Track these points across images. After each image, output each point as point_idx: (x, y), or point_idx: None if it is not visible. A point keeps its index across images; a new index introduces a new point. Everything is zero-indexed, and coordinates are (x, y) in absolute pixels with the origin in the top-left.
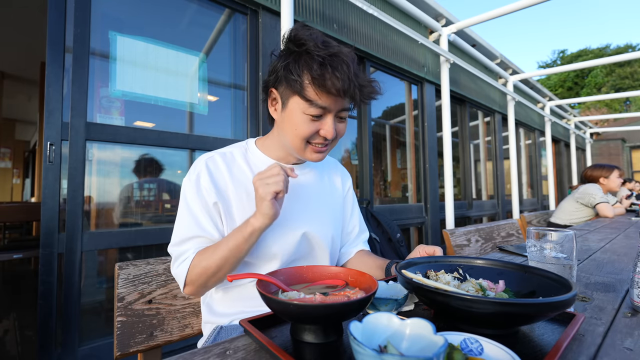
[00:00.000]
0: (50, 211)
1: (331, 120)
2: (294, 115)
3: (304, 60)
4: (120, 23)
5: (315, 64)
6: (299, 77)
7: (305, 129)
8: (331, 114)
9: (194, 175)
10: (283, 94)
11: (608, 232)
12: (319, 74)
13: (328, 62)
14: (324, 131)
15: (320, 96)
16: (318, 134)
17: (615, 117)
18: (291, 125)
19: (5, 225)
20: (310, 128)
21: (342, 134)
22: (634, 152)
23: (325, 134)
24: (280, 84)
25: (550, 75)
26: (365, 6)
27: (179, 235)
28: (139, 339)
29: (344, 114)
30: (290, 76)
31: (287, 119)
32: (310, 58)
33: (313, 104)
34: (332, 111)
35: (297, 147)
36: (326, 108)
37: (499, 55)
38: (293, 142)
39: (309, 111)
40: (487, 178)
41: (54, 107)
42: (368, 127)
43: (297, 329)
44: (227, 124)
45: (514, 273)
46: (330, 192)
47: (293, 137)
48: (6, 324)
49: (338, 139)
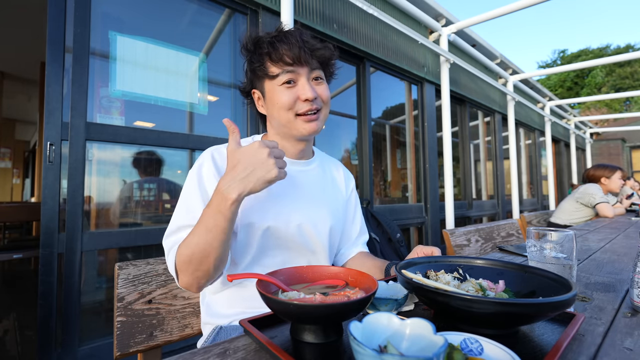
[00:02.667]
0: (50, 211)
1: (305, 82)
2: (273, 94)
3: (259, 47)
4: (120, 23)
5: (267, 44)
6: (260, 63)
7: (284, 98)
8: (303, 77)
9: (197, 165)
10: (260, 87)
11: (608, 232)
12: (272, 49)
13: (276, 38)
14: (302, 94)
15: (280, 67)
16: (300, 100)
17: (615, 117)
18: (273, 104)
19: (5, 225)
20: (289, 96)
21: (326, 96)
22: (634, 152)
23: (305, 95)
24: (255, 81)
25: (550, 75)
26: (365, 6)
27: (172, 225)
28: (139, 339)
29: (317, 74)
30: (254, 65)
31: (269, 103)
32: (262, 43)
33: (280, 75)
34: (302, 74)
35: (288, 122)
36: (293, 72)
37: (499, 55)
38: (282, 118)
39: (279, 82)
40: (487, 178)
41: (54, 107)
42: (368, 127)
43: (297, 329)
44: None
45: (514, 273)
46: (332, 189)
47: (279, 113)
48: (6, 324)
49: (325, 104)
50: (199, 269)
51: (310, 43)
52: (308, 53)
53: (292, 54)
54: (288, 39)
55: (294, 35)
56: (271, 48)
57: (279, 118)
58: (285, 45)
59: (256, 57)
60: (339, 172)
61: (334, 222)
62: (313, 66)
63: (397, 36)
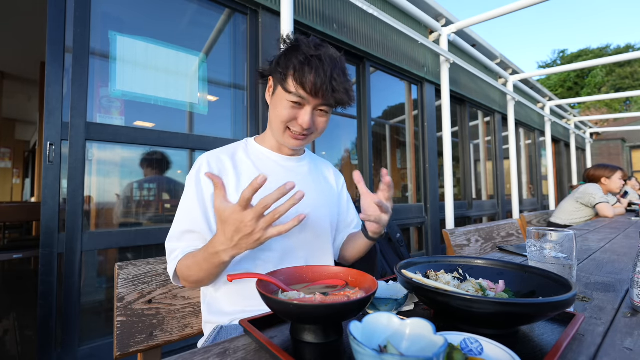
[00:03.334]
0: (50, 211)
1: (309, 111)
2: (278, 100)
3: (293, 55)
4: (120, 23)
5: (299, 60)
6: (285, 70)
7: (285, 113)
8: (309, 106)
9: (195, 170)
10: (274, 82)
11: (608, 232)
12: (299, 70)
13: (310, 60)
14: (300, 120)
15: (297, 89)
16: (296, 122)
17: (615, 117)
18: (275, 109)
19: (5, 225)
20: (290, 113)
21: (321, 128)
22: (634, 152)
23: (301, 123)
24: (273, 74)
25: (550, 75)
26: (365, 6)
27: (173, 229)
28: (139, 339)
29: (325, 109)
30: (278, 68)
31: (273, 103)
32: (298, 54)
33: (291, 94)
34: (310, 104)
35: (278, 129)
36: (304, 99)
37: (499, 55)
38: (275, 123)
39: (289, 98)
40: (487, 178)
41: (54, 107)
42: (368, 127)
43: (297, 329)
44: (227, 124)
45: (514, 273)
46: (325, 184)
47: (275, 119)
48: (6, 324)
49: (318, 132)
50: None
51: (336, 83)
52: (329, 92)
53: (314, 87)
54: (318, 71)
55: (325, 68)
56: (300, 69)
57: (273, 122)
58: (312, 77)
59: (284, 62)
60: (329, 170)
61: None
62: (325, 102)
63: (397, 36)
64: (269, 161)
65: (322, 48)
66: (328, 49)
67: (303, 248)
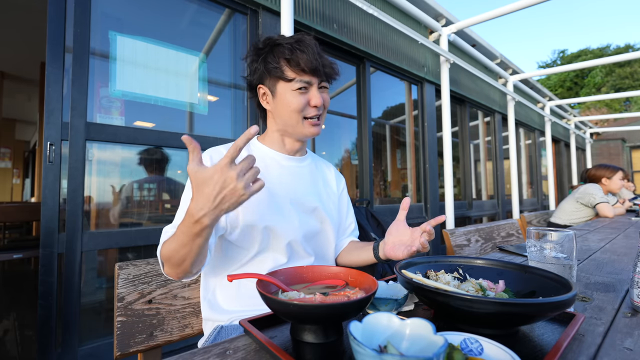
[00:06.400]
0: (50, 211)
1: (316, 90)
2: (285, 96)
3: (277, 50)
4: (120, 23)
5: (286, 49)
6: (277, 64)
7: (297, 102)
8: (314, 86)
9: None
10: (270, 85)
11: (608, 232)
12: (292, 56)
13: (296, 46)
14: (313, 100)
15: (297, 73)
16: (309, 106)
17: (615, 117)
18: (284, 105)
19: (5, 225)
20: (301, 100)
21: (328, 102)
22: (634, 152)
23: (315, 102)
24: (265, 78)
25: (550, 75)
26: (365, 6)
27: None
28: (139, 339)
29: (325, 84)
30: (270, 66)
31: (279, 103)
32: (281, 47)
33: (295, 81)
34: (314, 83)
35: (294, 122)
36: (307, 82)
37: (499, 55)
38: (291, 119)
39: (294, 87)
40: (487, 178)
41: (54, 107)
42: (368, 127)
43: (297, 329)
44: (227, 124)
45: (514, 273)
46: (324, 184)
47: (290, 114)
48: (6, 324)
49: (326, 108)
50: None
51: (323, 58)
52: (321, 66)
53: (311, 64)
54: (307, 50)
55: (311, 46)
56: (290, 54)
57: (287, 119)
58: (304, 55)
59: (273, 58)
60: (330, 171)
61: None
62: (322, 77)
63: (397, 36)
64: (271, 160)
65: (296, 35)
66: (301, 33)
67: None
